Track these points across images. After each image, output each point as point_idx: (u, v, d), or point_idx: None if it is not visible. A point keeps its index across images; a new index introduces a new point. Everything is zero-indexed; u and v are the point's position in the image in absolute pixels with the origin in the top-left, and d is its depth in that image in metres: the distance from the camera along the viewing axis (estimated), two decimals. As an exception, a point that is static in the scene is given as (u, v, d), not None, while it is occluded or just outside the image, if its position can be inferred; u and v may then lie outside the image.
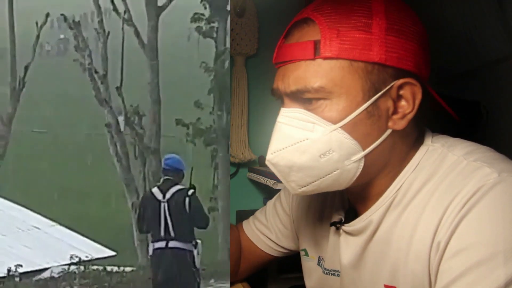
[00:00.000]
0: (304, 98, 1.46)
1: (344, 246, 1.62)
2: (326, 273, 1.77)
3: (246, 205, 3.19)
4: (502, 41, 2.18)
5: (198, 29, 5.49)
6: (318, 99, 1.44)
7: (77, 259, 5.51)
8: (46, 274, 5.20)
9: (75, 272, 5.14)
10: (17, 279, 5.03)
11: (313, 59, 1.45)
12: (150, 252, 3.33)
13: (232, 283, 2.23)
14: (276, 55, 1.61)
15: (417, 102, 1.44)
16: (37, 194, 7.00)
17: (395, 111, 1.45)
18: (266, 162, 1.55)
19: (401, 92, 1.45)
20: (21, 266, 5.17)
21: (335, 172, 1.44)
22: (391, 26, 1.44)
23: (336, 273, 1.71)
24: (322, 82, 1.43)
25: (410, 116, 1.44)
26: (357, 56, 1.42)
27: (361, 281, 1.57)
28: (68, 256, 5.55)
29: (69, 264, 5.39)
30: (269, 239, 2.13)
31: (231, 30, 3.08)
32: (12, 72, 4.65)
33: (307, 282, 1.92)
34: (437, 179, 1.40)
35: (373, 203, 1.52)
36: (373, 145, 1.43)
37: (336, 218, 1.70)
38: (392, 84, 1.43)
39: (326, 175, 1.45)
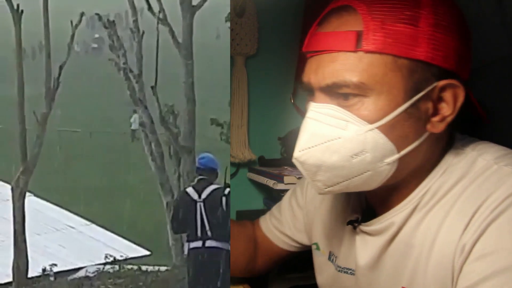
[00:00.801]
0: (340, 93, 1.34)
1: (361, 246, 1.56)
2: (339, 271, 1.70)
3: (246, 205, 3.18)
4: (502, 41, 2.16)
5: (233, 28, 5.49)
6: (356, 95, 1.33)
7: (111, 259, 5.54)
8: (80, 274, 5.23)
9: (109, 272, 5.15)
10: (52, 278, 5.06)
11: (354, 51, 1.33)
12: (186, 252, 3.31)
13: (233, 284, 2.20)
14: (308, 43, 1.47)
15: (458, 105, 1.35)
16: (72, 193, 7.05)
17: (434, 113, 1.35)
18: (293, 160, 1.42)
19: (443, 93, 1.35)
20: (56, 265, 5.20)
21: (365, 174, 1.36)
22: (439, 22, 1.34)
23: (349, 271, 1.65)
24: (363, 77, 1.32)
25: (449, 119, 1.35)
26: (402, 52, 1.31)
27: (378, 282, 1.51)
28: (103, 256, 5.58)
29: (104, 264, 5.41)
30: (284, 234, 2.06)
31: (231, 30, 3.06)
32: (47, 71, 4.66)
33: (318, 277, 1.86)
34: (464, 182, 1.33)
35: (395, 204, 1.45)
36: (408, 148, 1.35)
37: (352, 216, 1.62)
38: (434, 84, 1.33)
39: (355, 176, 1.36)
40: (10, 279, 4.48)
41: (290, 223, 2.03)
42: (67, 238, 6.04)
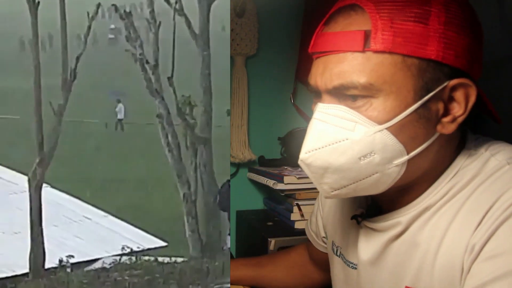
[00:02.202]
0: (348, 94, 1.37)
1: (364, 241, 1.58)
2: (345, 263, 1.74)
3: (246, 205, 3.21)
4: (502, 41, 2.16)
5: (249, 18, 5.47)
6: (364, 96, 1.35)
7: (128, 250, 5.55)
8: (97, 265, 5.24)
9: (126, 263, 5.15)
10: (68, 269, 5.07)
11: (362, 51, 1.33)
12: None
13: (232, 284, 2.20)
14: (314, 44, 1.47)
15: (470, 104, 1.37)
16: (88, 184, 7.06)
17: (445, 114, 1.37)
18: (299, 162, 1.43)
19: (454, 93, 1.37)
20: (72, 256, 5.21)
21: (374, 176, 1.36)
22: (451, 20, 1.32)
23: (351, 265, 1.68)
24: (371, 78, 1.33)
25: (460, 119, 1.38)
26: (411, 51, 1.32)
27: (379, 279, 1.53)
28: (120, 247, 5.59)
29: (121, 255, 5.42)
30: (320, 236, 2.07)
31: (231, 30, 3.06)
32: (63, 63, 4.64)
33: (331, 267, 1.89)
34: (475, 182, 1.33)
35: (403, 204, 1.47)
36: (418, 149, 1.36)
37: (357, 211, 1.65)
38: (445, 84, 1.35)
39: (363, 178, 1.36)
40: (27, 270, 4.49)
41: (319, 222, 2.04)
42: (84, 229, 6.04)
